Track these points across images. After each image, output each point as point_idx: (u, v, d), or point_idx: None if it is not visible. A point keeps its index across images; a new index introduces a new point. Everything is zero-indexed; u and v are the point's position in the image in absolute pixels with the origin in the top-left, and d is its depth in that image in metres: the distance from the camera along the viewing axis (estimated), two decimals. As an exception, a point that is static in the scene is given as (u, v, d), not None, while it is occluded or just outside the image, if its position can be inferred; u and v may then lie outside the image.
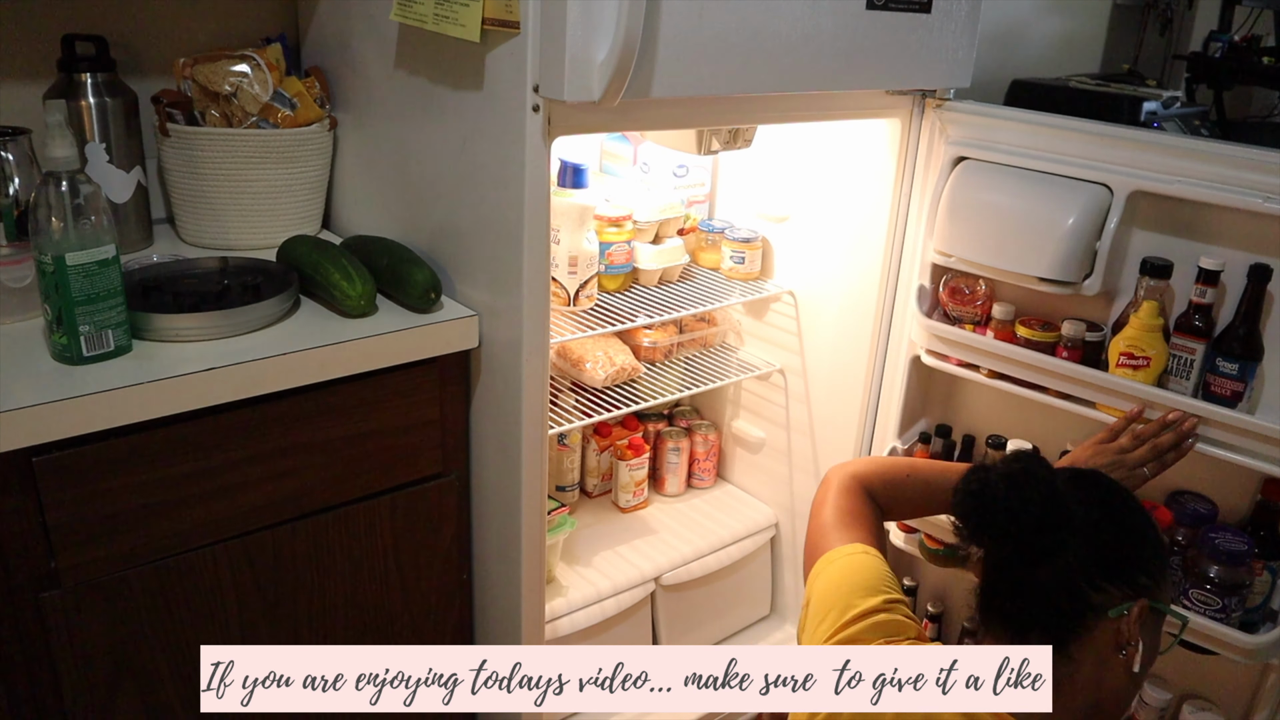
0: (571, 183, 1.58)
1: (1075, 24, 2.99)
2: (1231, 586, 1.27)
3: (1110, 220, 1.33)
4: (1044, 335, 1.43)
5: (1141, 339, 1.31)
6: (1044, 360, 1.39)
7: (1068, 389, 1.39)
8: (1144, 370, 1.31)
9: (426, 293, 1.26)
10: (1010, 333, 1.46)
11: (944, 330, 1.50)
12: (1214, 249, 1.30)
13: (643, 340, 1.80)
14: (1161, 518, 1.35)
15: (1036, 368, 1.40)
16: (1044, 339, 1.43)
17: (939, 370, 1.55)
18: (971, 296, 1.50)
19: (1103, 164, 1.34)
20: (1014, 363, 1.43)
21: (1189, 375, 1.31)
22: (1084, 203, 1.34)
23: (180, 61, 1.44)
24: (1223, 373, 1.28)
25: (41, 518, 1.02)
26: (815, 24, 1.24)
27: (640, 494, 1.91)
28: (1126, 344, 1.32)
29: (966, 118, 1.46)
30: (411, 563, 1.35)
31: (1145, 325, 1.30)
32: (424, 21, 1.20)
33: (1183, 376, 1.32)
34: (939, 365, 1.53)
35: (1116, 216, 1.33)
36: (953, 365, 1.52)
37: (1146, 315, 1.30)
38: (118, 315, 1.08)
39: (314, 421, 1.19)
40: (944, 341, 1.50)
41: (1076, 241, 1.34)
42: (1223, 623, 1.27)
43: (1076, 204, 1.34)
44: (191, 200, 1.45)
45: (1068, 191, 1.35)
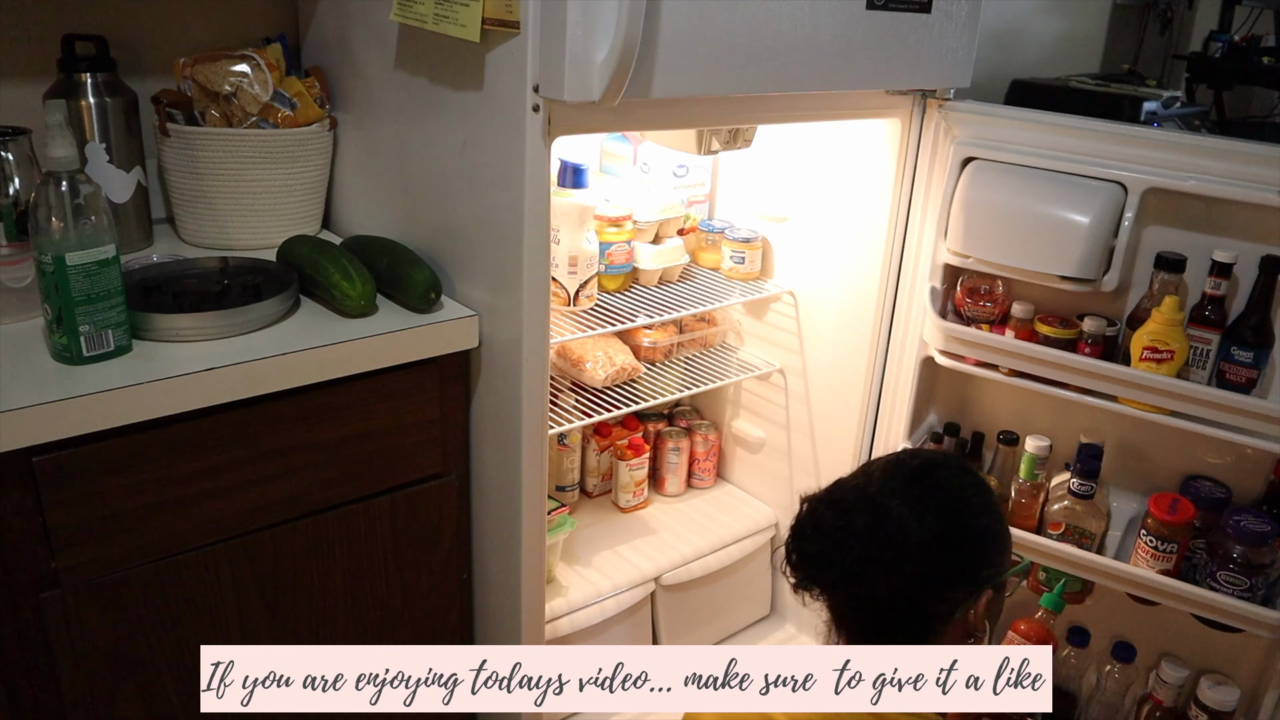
0: (571, 183, 1.58)
1: (1075, 24, 2.99)
2: (1257, 566, 1.33)
3: (1125, 218, 1.36)
4: (1064, 332, 1.45)
5: (1165, 333, 1.33)
6: (1067, 358, 1.41)
7: (1091, 384, 1.42)
8: (1167, 364, 1.34)
9: (426, 293, 1.26)
10: (1030, 331, 1.48)
11: (962, 332, 1.50)
12: (1226, 242, 1.34)
13: (643, 340, 1.80)
14: (1183, 508, 1.39)
15: (1060, 365, 1.42)
16: (1065, 336, 1.45)
17: (947, 369, 1.55)
18: (990, 296, 1.51)
19: (1116, 162, 1.37)
20: (1037, 361, 1.44)
21: (1206, 365, 1.36)
22: (1101, 201, 1.36)
23: (180, 61, 1.44)
24: (1238, 360, 1.33)
25: (41, 518, 1.02)
26: (815, 24, 1.25)
27: (640, 494, 1.91)
28: (1150, 338, 1.34)
29: (973, 118, 1.46)
30: (411, 562, 1.35)
31: (1168, 320, 1.33)
32: (424, 21, 1.20)
33: (1200, 366, 1.35)
34: (955, 365, 1.54)
35: (1131, 214, 1.35)
36: (969, 365, 1.53)
37: (1169, 310, 1.32)
38: (118, 315, 1.08)
39: (314, 421, 1.19)
40: (962, 343, 1.51)
41: (1096, 240, 1.36)
42: (1250, 600, 1.33)
43: (1094, 203, 1.36)
44: (191, 200, 1.45)
45: (1084, 191, 1.37)
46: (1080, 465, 1.46)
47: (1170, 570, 1.40)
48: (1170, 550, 1.39)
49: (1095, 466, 1.45)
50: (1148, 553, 1.41)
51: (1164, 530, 1.39)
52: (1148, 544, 1.40)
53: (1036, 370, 1.45)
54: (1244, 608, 1.33)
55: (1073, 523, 1.48)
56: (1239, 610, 1.33)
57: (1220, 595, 1.34)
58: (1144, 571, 1.40)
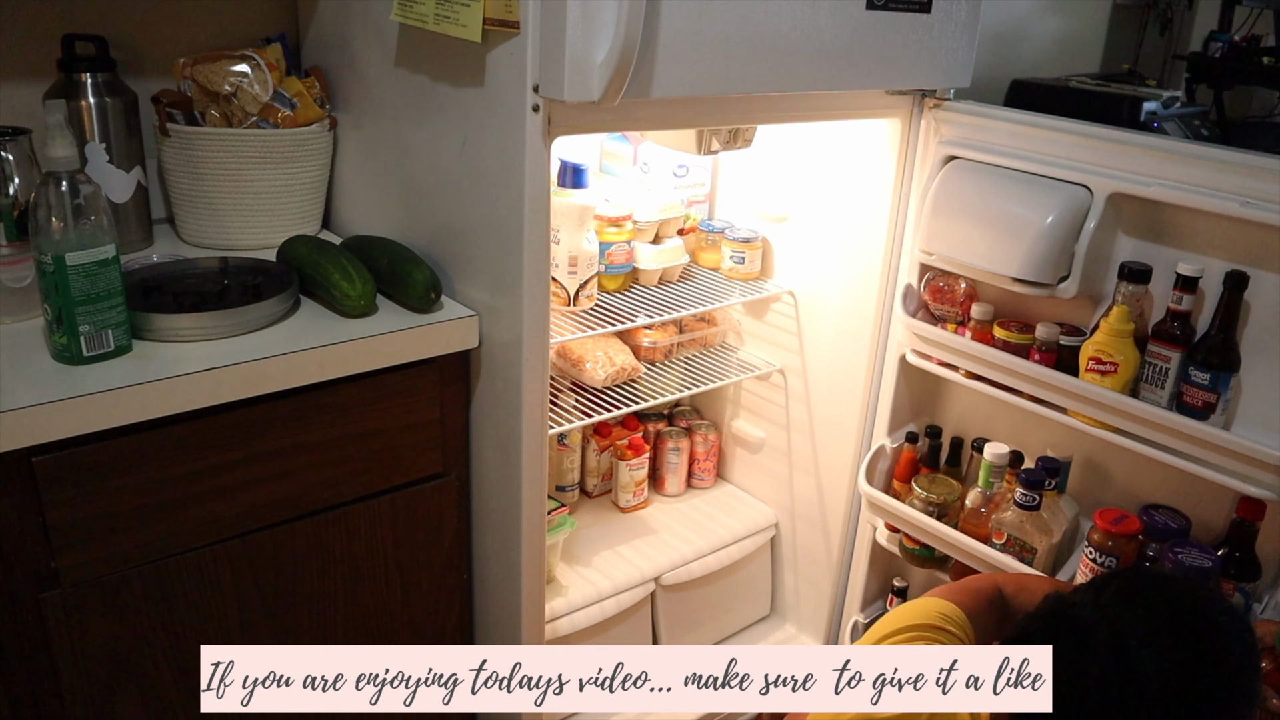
0: (571, 183, 1.58)
1: (1075, 24, 2.99)
2: None
3: (1089, 221, 1.31)
4: (1019, 337, 1.41)
5: (1110, 344, 1.28)
6: (1016, 363, 1.38)
7: (1039, 393, 1.38)
8: (1111, 376, 1.29)
9: (426, 293, 1.26)
10: (988, 333, 1.45)
11: (924, 329, 1.49)
12: (1192, 255, 1.27)
13: (643, 340, 1.80)
14: (1129, 522, 1.31)
15: (1008, 370, 1.39)
16: (1019, 341, 1.41)
17: (921, 370, 1.55)
18: (951, 295, 1.50)
19: (1085, 165, 1.33)
20: (988, 364, 1.42)
21: (1164, 384, 1.27)
22: (1062, 203, 1.31)
23: (180, 61, 1.44)
24: (1194, 382, 1.24)
25: (41, 518, 1.02)
26: (815, 24, 1.25)
27: (640, 494, 1.91)
28: (1095, 349, 1.30)
29: (959, 117, 1.46)
30: (411, 562, 1.35)
31: (1114, 330, 1.28)
32: (424, 21, 1.20)
33: (1157, 385, 1.28)
34: (922, 365, 1.53)
35: (1095, 218, 1.30)
36: (935, 365, 1.52)
37: (1116, 320, 1.27)
38: (118, 315, 1.08)
39: (314, 421, 1.19)
40: (925, 341, 1.50)
41: (1052, 242, 1.32)
42: None
43: (1054, 204, 1.32)
44: (191, 200, 1.45)
45: (1047, 192, 1.34)
46: (1026, 475, 1.39)
47: None
48: (1111, 564, 1.31)
49: (1041, 478, 1.39)
50: (1088, 567, 1.33)
51: (1106, 543, 1.31)
52: (1089, 557, 1.33)
53: (989, 374, 1.42)
54: None
55: (1014, 534, 1.42)
56: None
57: None
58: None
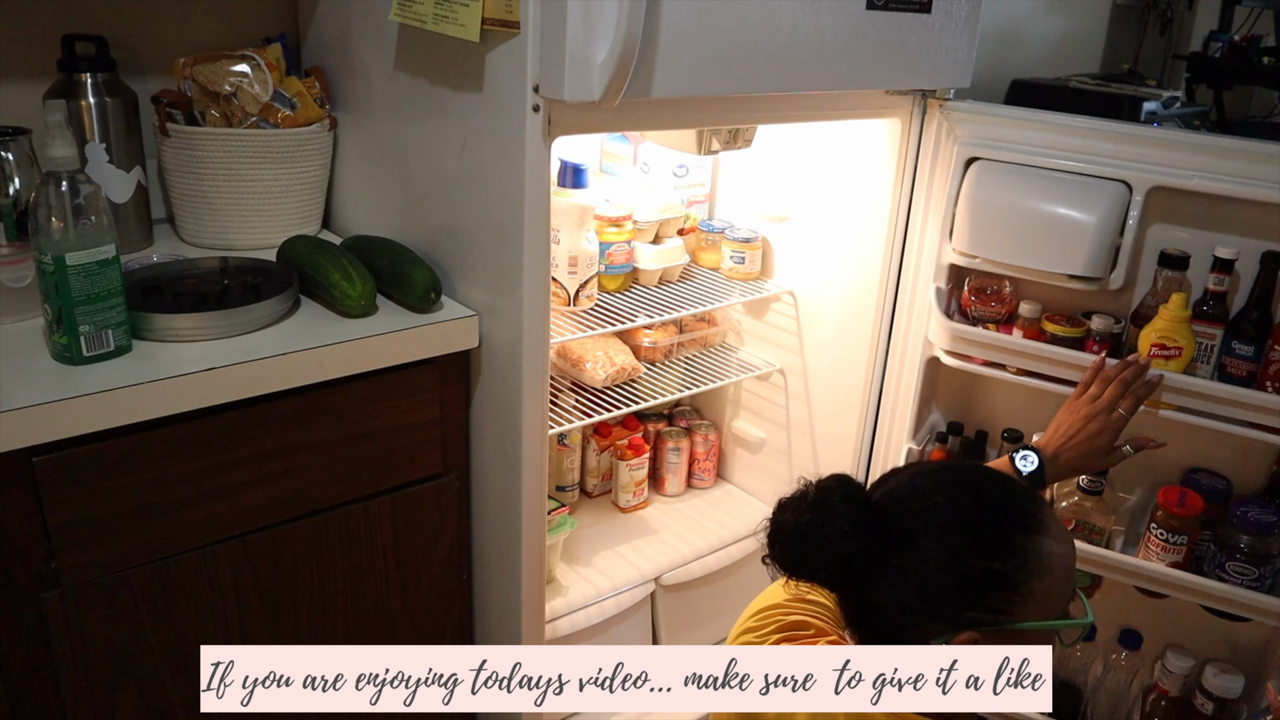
0: (571, 183, 1.58)
1: (1075, 24, 3.00)
2: (1263, 555, 1.35)
3: (1131, 216, 1.37)
4: (1071, 330, 1.46)
5: (1173, 330, 1.34)
6: (1078, 356, 1.41)
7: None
8: (1175, 360, 1.35)
9: (427, 293, 1.26)
10: (1038, 330, 1.49)
11: (971, 332, 1.50)
12: (1228, 238, 1.35)
13: (643, 340, 1.80)
14: (1192, 500, 1.40)
15: (1068, 364, 1.42)
16: (1072, 334, 1.45)
17: (950, 369, 1.55)
18: (998, 296, 1.52)
19: (1121, 162, 1.38)
20: (1046, 360, 1.45)
21: (1210, 360, 1.37)
22: (1107, 201, 1.37)
23: (180, 61, 1.44)
24: (1239, 355, 1.35)
25: (41, 518, 1.02)
26: (815, 24, 1.24)
27: (640, 494, 1.91)
28: (1158, 335, 1.35)
29: (976, 118, 1.47)
30: (411, 562, 1.35)
31: (1176, 317, 1.34)
32: (424, 21, 1.20)
33: (1204, 361, 1.37)
34: (961, 365, 1.54)
35: (1137, 213, 1.37)
36: (976, 365, 1.53)
37: (1176, 307, 1.33)
38: (118, 315, 1.08)
39: (314, 421, 1.19)
40: (969, 343, 1.51)
41: (1103, 239, 1.37)
42: (1258, 590, 1.36)
43: (1100, 202, 1.37)
44: (191, 200, 1.45)
45: (1090, 190, 1.39)
46: None
47: (1180, 562, 1.41)
48: (1180, 542, 1.40)
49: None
50: (1158, 545, 1.42)
51: (1174, 523, 1.40)
52: (1158, 537, 1.42)
53: (1045, 369, 1.45)
54: (1254, 597, 1.35)
55: (1082, 519, 1.48)
56: (1249, 600, 1.35)
57: (1230, 586, 1.36)
58: (1155, 565, 1.41)
